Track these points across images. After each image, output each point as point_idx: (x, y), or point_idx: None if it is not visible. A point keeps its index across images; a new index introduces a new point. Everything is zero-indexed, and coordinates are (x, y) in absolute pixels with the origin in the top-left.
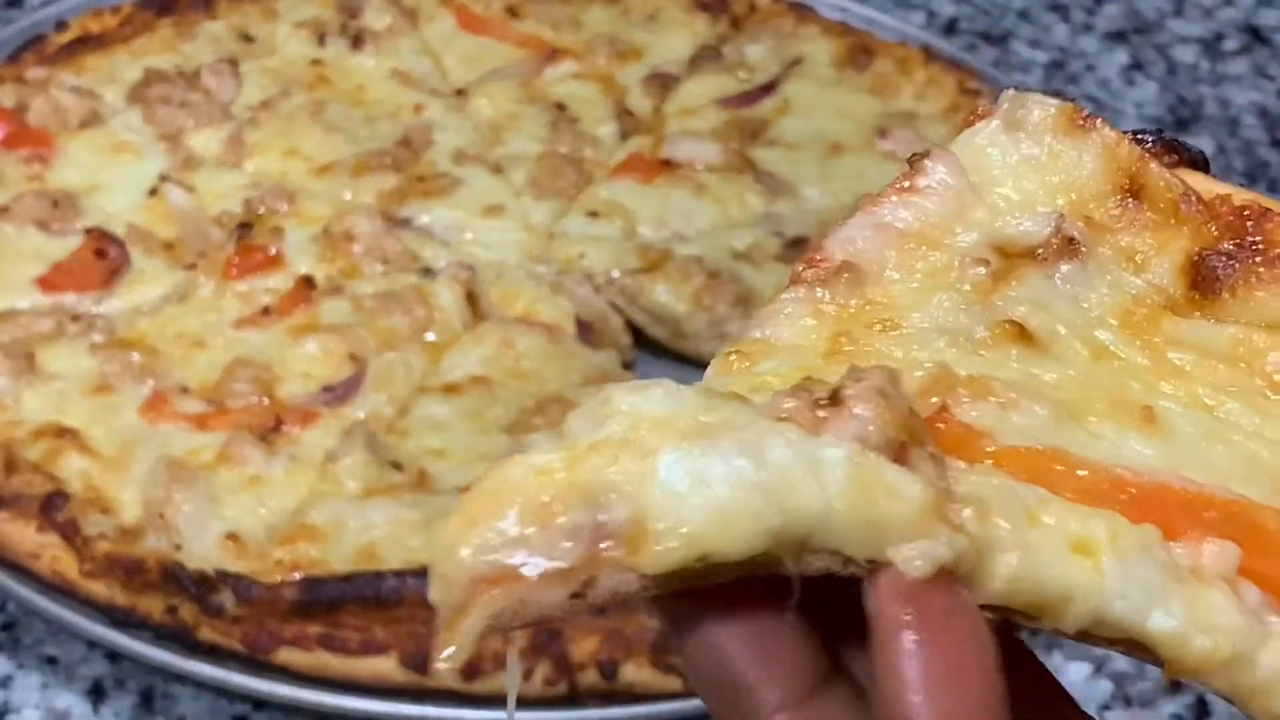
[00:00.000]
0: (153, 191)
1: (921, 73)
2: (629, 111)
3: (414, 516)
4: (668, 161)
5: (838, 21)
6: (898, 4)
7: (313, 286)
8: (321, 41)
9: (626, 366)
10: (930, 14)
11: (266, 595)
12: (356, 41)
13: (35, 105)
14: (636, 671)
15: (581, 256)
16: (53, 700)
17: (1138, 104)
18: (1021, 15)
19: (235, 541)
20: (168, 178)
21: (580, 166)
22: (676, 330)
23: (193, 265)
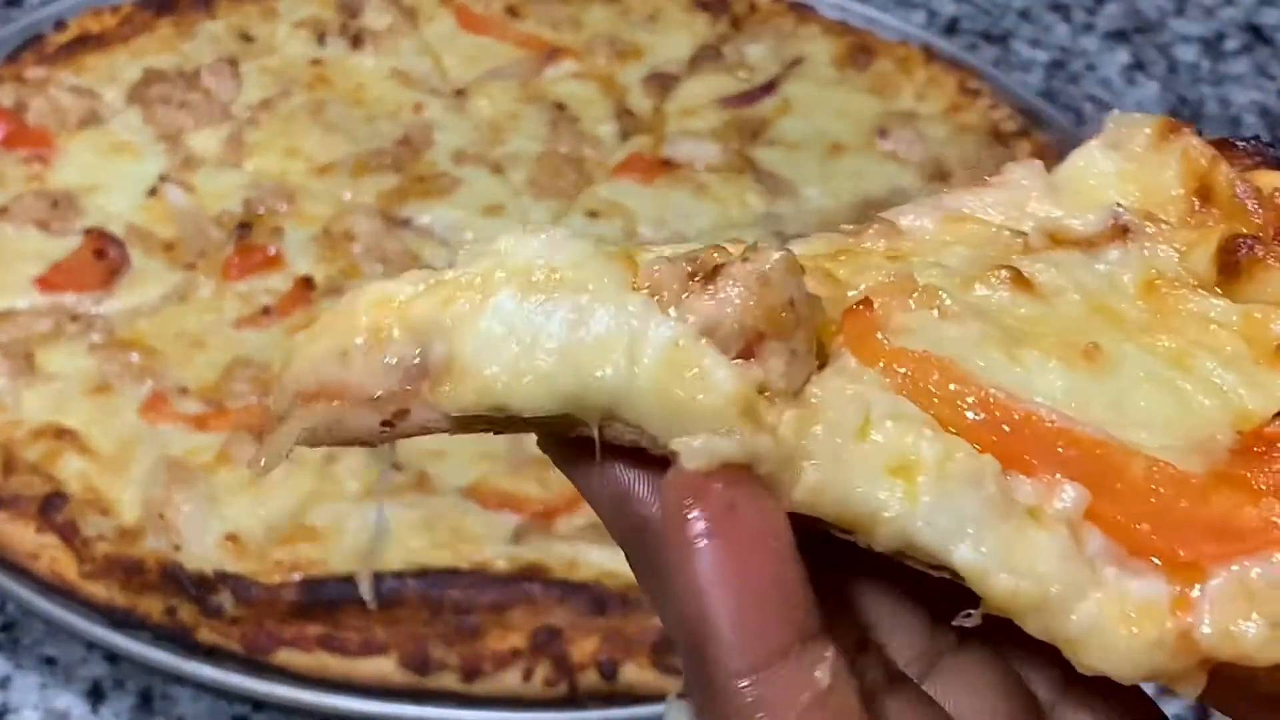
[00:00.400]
0: (152, 191)
1: (922, 72)
2: (629, 111)
3: (414, 517)
4: (668, 161)
5: (838, 21)
6: (898, 3)
7: (312, 287)
8: (321, 41)
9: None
10: (931, 13)
11: (266, 596)
12: (356, 41)
13: (35, 105)
14: (637, 672)
15: None
16: (52, 701)
17: (1139, 103)
18: (1022, 15)
19: (234, 542)
20: (167, 178)
21: (580, 166)
22: None
23: (192, 265)
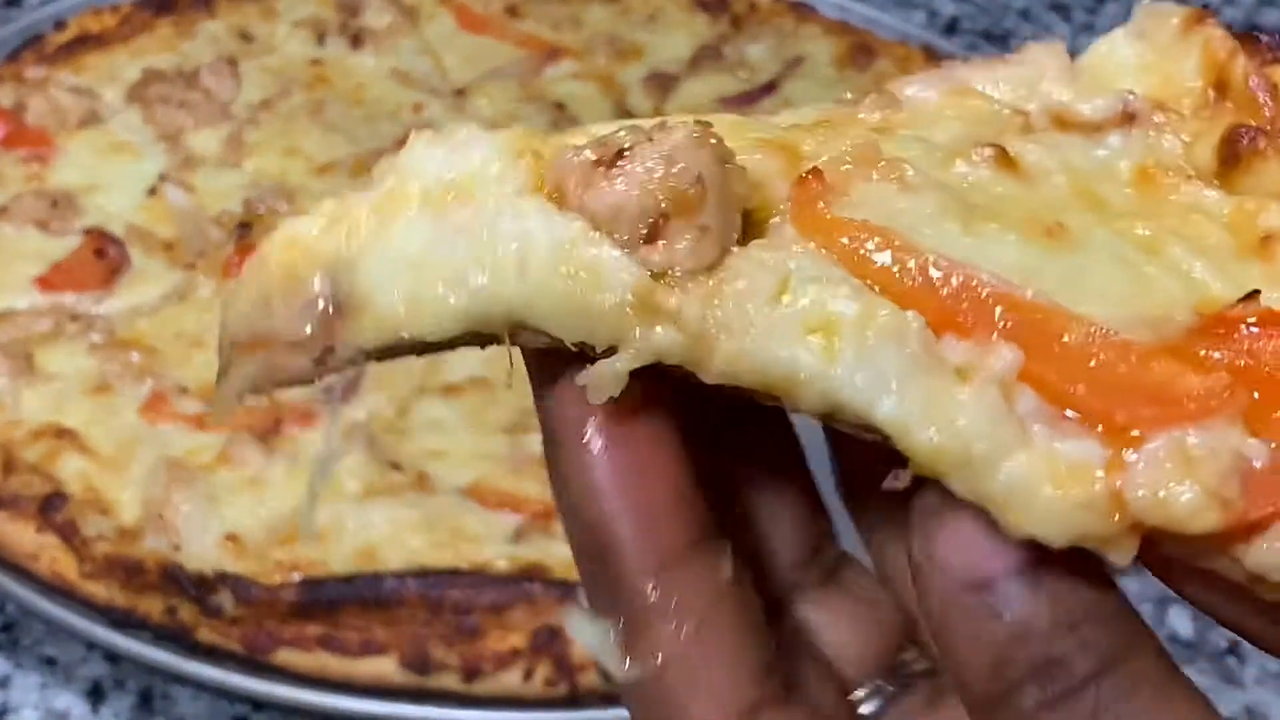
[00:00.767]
0: (152, 191)
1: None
2: (629, 111)
3: (414, 517)
4: None
5: (838, 21)
6: (898, 3)
7: None
8: (321, 41)
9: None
10: (931, 13)
11: (266, 596)
12: (356, 41)
13: (34, 105)
14: None
15: None
16: (51, 701)
17: None
18: (1023, 14)
19: (234, 542)
20: (167, 177)
21: None
22: None
23: (192, 265)
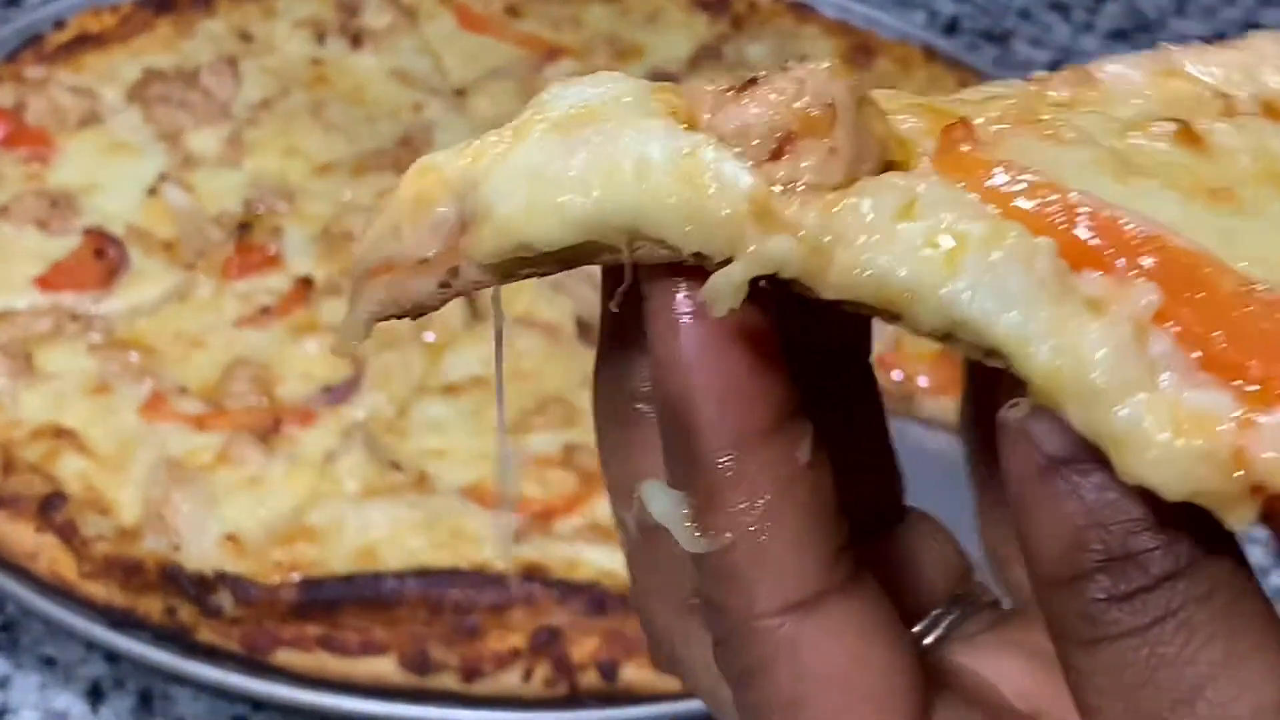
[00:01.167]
0: (152, 191)
1: (922, 72)
2: None
3: (414, 517)
4: None
5: (838, 21)
6: (898, 3)
7: (312, 287)
8: (321, 40)
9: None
10: (931, 13)
11: (265, 596)
12: (356, 40)
13: (33, 105)
14: (637, 672)
15: None
16: (51, 701)
17: None
18: (1023, 14)
19: (234, 542)
20: (167, 177)
21: None
22: None
23: (192, 265)
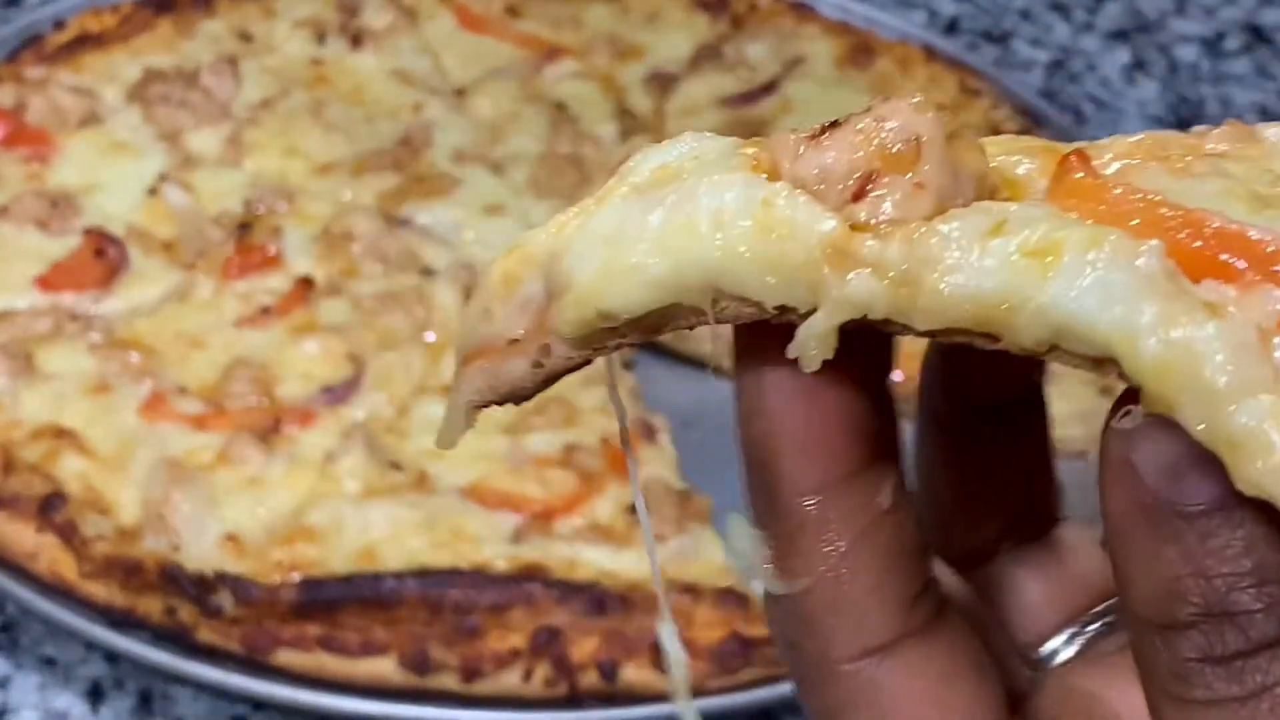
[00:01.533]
0: (152, 191)
1: (923, 72)
2: (629, 111)
3: (414, 517)
4: None
5: (838, 21)
6: (899, 3)
7: (312, 287)
8: (321, 40)
9: (627, 367)
10: (931, 13)
11: (265, 596)
12: (356, 40)
13: (34, 105)
14: (637, 672)
15: None
16: (51, 701)
17: (1139, 103)
18: (1023, 14)
19: (234, 542)
20: (167, 177)
21: (580, 166)
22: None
23: (192, 265)
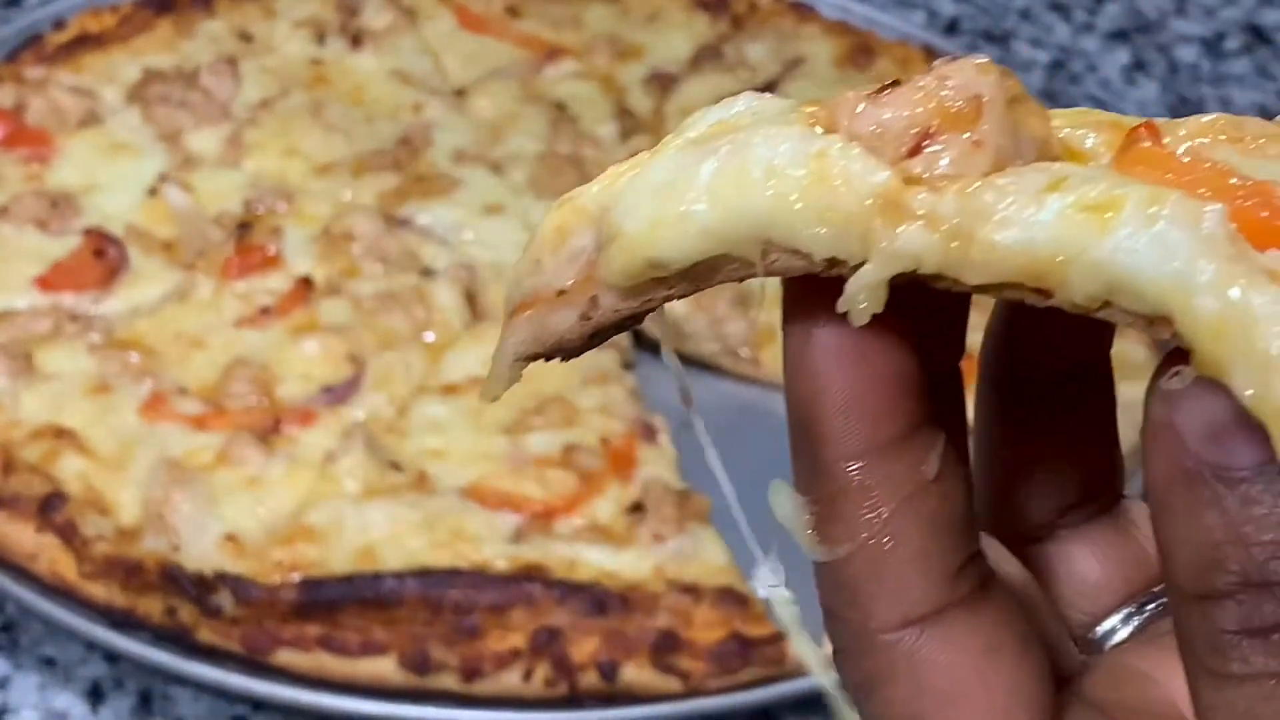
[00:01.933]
0: (152, 191)
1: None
2: (629, 111)
3: (414, 517)
4: None
5: (838, 21)
6: (899, 3)
7: (312, 287)
8: (321, 40)
9: (626, 367)
10: (931, 14)
11: (265, 596)
12: (356, 41)
13: (33, 105)
14: (636, 672)
15: None
16: (51, 701)
17: (1139, 103)
18: (1023, 14)
19: (234, 542)
20: (167, 177)
21: (580, 166)
22: (676, 331)
23: (192, 265)
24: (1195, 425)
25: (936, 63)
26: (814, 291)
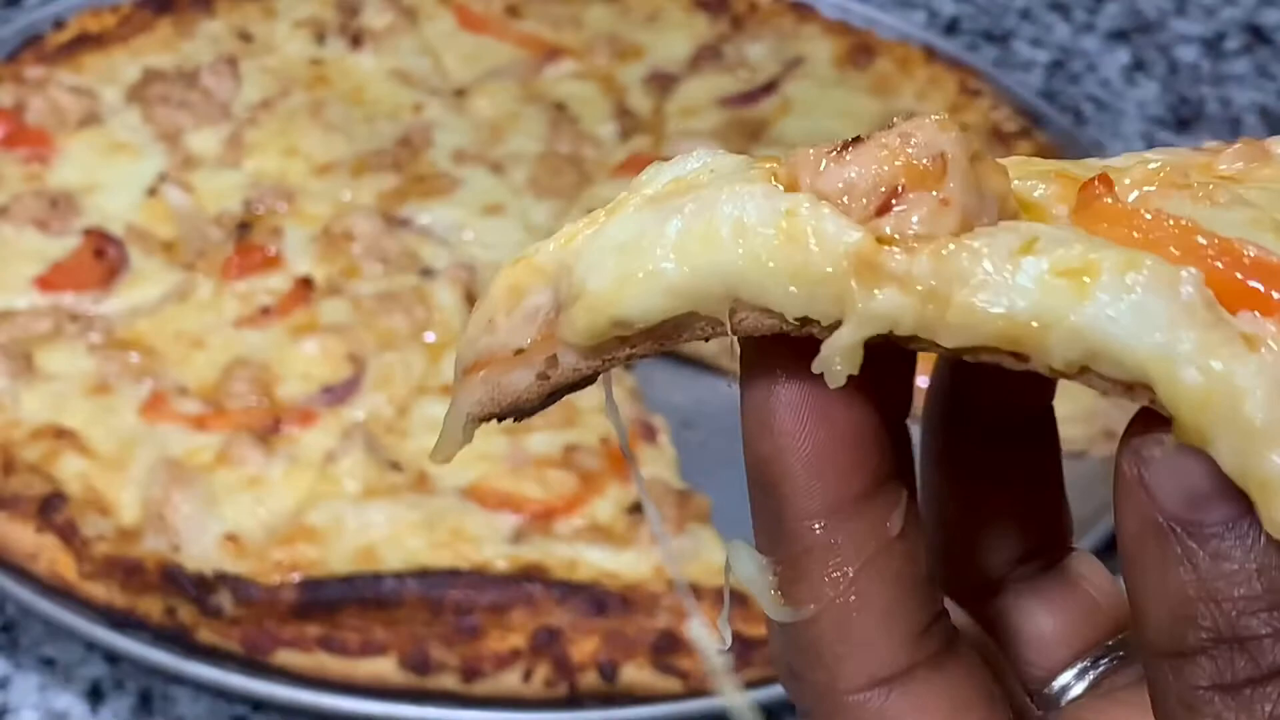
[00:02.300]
0: (151, 191)
1: (922, 72)
2: (629, 111)
3: (414, 517)
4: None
5: (838, 21)
6: (899, 3)
7: (312, 287)
8: (321, 40)
9: (627, 367)
10: (931, 13)
11: (265, 596)
12: (356, 41)
13: (34, 105)
14: (636, 673)
15: None
16: (51, 701)
17: (1139, 104)
18: (1023, 14)
19: (234, 542)
20: (166, 177)
21: (580, 166)
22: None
23: (191, 265)
24: (1171, 490)
25: (896, 119)
26: (773, 349)
